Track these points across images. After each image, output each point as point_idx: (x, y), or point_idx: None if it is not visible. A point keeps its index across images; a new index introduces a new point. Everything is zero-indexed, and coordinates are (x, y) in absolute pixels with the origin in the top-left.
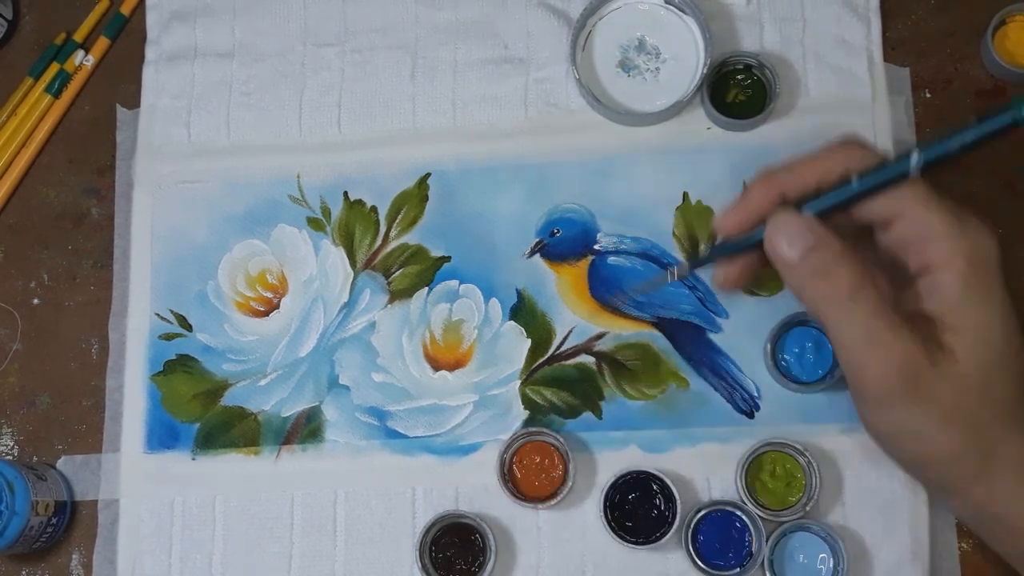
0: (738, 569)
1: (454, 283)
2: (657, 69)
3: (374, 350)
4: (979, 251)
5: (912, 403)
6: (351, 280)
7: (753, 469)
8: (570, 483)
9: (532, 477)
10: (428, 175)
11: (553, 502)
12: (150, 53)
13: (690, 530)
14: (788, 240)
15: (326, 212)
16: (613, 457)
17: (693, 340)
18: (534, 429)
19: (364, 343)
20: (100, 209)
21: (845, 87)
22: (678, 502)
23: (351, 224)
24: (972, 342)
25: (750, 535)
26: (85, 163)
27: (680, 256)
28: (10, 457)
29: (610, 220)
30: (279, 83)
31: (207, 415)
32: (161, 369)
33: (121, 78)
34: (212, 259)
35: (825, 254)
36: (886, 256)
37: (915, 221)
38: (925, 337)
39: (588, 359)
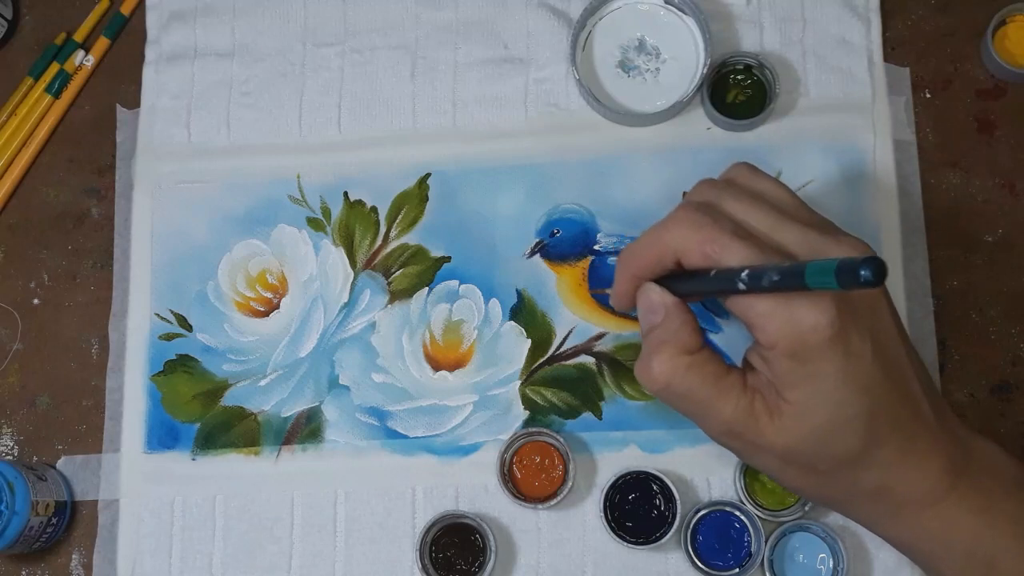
0: (737, 569)
1: (454, 283)
2: (657, 69)
3: (374, 350)
4: (804, 334)
5: (751, 449)
6: (351, 280)
7: (752, 469)
8: (570, 483)
9: (532, 477)
10: (428, 175)
11: (553, 502)
12: (150, 53)
13: (689, 530)
14: (647, 313)
15: (326, 212)
16: (613, 457)
17: None
18: (534, 429)
19: (364, 343)
20: (100, 209)
21: (845, 87)
22: (678, 502)
23: (351, 224)
24: (797, 414)
25: (749, 535)
26: (85, 163)
27: None
28: (10, 457)
29: (610, 220)
30: (279, 83)
31: (207, 415)
32: (161, 369)
33: (121, 78)
34: (212, 259)
35: (668, 327)
36: None
37: (743, 305)
38: (768, 390)
39: (588, 359)
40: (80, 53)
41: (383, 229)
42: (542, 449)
